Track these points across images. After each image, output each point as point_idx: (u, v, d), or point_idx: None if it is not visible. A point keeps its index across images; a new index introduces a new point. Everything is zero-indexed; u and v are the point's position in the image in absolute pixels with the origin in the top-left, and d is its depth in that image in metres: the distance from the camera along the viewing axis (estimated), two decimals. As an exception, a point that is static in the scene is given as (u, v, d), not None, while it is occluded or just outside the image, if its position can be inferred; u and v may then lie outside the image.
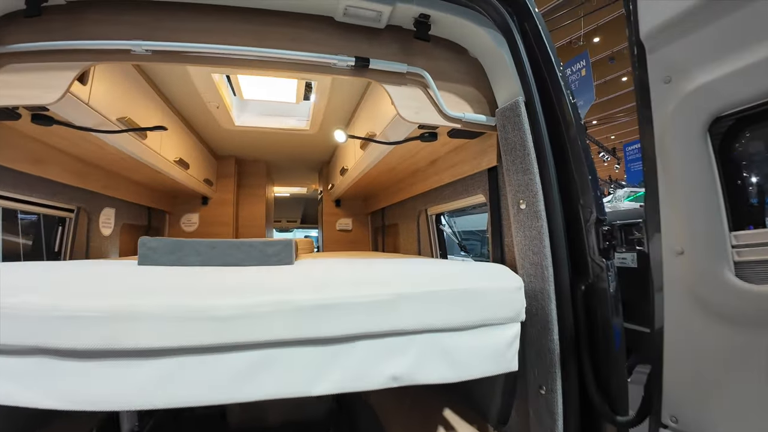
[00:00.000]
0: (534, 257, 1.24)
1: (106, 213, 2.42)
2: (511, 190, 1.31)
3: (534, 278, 1.24)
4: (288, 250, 1.53)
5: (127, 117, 1.72)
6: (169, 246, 1.50)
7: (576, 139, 1.24)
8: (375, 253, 2.82)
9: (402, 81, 1.34)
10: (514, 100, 1.29)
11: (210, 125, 2.75)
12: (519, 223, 1.29)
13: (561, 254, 1.21)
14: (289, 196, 6.60)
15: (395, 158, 2.06)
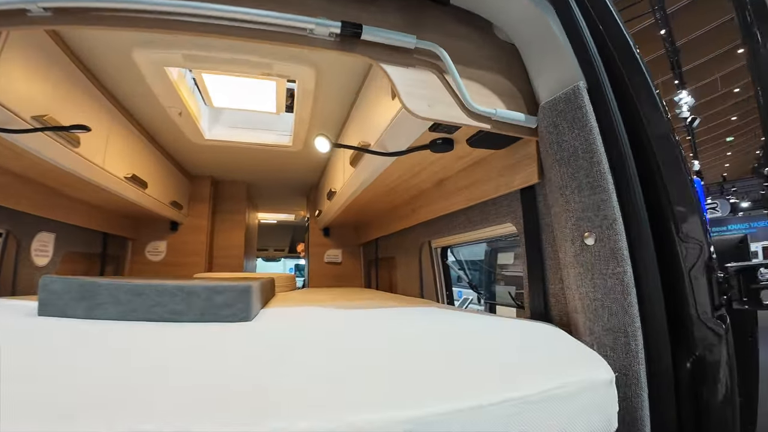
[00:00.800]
0: (612, 320, 0.81)
1: (41, 238, 1.97)
2: (568, 217, 0.90)
3: (613, 352, 0.80)
4: (245, 300, 1.09)
5: (48, 115, 1.30)
6: (77, 289, 1.08)
7: (668, 139, 0.84)
8: (369, 293, 2.37)
9: (408, 60, 0.94)
10: (571, 86, 0.89)
11: (176, 138, 2.34)
12: (584, 266, 0.87)
13: (655, 315, 0.79)
14: (276, 223, 6.16)
15: (393, 178, 1.65)
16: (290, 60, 1.46)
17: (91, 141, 1.62)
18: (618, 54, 0.92)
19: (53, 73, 1.35)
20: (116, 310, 1.05)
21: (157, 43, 1.39)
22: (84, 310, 1.04)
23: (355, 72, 1.55)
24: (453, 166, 1.43)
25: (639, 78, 0.88)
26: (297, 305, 1.55)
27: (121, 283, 1.07)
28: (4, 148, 1.32)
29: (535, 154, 1.05)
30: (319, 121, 2.02)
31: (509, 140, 1.12)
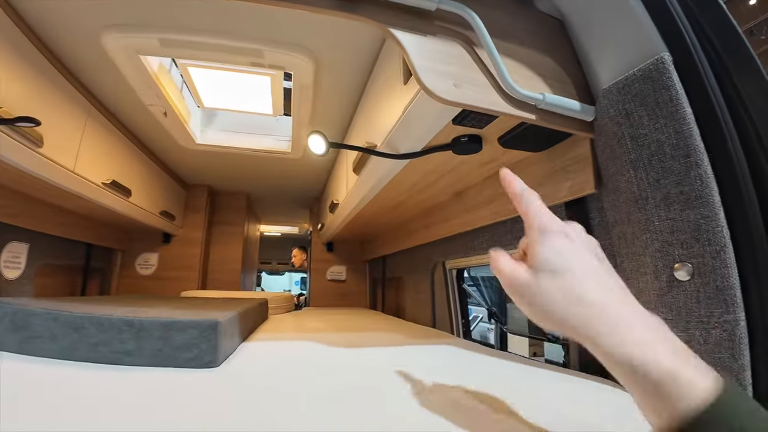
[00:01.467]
0: None
1: (12, 249, 1.75)
2: (649, 240, 0.64)
3: None
4: (210, 340, 0.86)
5: (2, 108, 1.09)
6: (10, 318, 0.86)
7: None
8: (374, 319, 2.11)
9: (428, 27, 0.70)
10: (651, 59, 0.65)
11: (164, 142, 2.13)
12: (673, 310, 0.61)
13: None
14: (280, 235, 5.95)
15: (403, 188, 1.41)
16: (283, 47, 1.23)
17: (59, 140, 1.40)
18: (705, 18, 0.68)
19: (14, 62, 1.14)
20: (54, 347, 0.84)
21: (128, 25, 1.18)
22: (16, 342, 0.84)
23: (360, 63, 1.33)
24: (476, 173, 1.18)
25: (737, 48, 0.63)
26: (288, 337, 1.30)
27: (59, 312, 0.84)
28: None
29: (589, 155, 0.81)
30: (320, 123, 1.79)
31: (553, 139, 0.88)
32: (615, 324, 0.34)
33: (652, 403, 0.32)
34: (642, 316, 0.36)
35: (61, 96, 1.39)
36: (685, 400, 0.30)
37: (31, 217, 1.74)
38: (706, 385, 0.30)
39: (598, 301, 0.36)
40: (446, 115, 0.81)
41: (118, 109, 1.76)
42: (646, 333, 0.34)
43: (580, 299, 0.36)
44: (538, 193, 0.46)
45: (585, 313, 0.35)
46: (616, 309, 0.35)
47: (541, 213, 0.42)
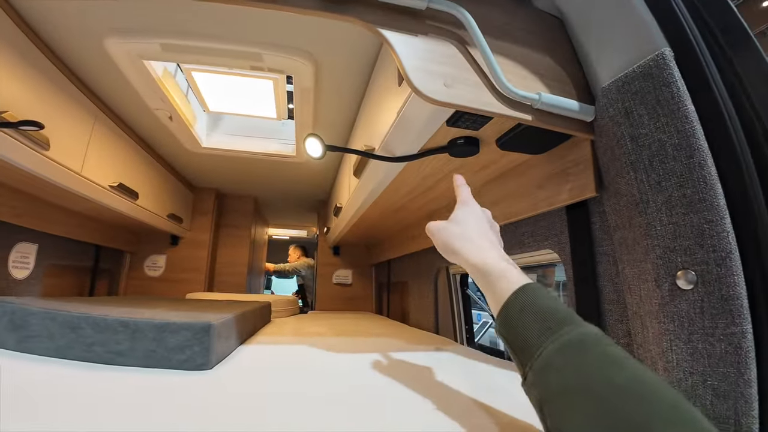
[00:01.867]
0: (720, 405, 0.53)
1: (21, 249, 1.77)
2: (650, 246, 0.61)
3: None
4: (203, 342, 0.85)
5: (8, 112, 1.10)
6: (9, 317, 0.88)
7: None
8: (378, 324, 2.08)
9: (418, 26, 0.68)
10: (651, 55, 0.62)
11: (170, 145, 2.14)
12: (675, 321, 0.58)
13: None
14: (288, 239, 5.97)
15: (402, 192, 1.39)
16: (282, 50, 1.23)
17: (67, 143, 1.42)
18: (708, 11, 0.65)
19: (20, 66, 1.16)
20: (51, 346, 0.84)
21: (130, 30, 1.18)
22: (14, 341, 0.86)
23: (360, 65, 1.31)
24: (475, 177, 1.15)
25: (742, 41, 0.60)
26: (288, 341, 1.29)
27: (57, 312, 0.85)
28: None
29: (590, 157, 0.78)
30: (323, 127, 1.79)
31: (553, 141, 0.85)
32: (479, 250, 0.56)
33: (492, 291, 0.52)
34: (497, 251, 0.57)
35: (68, 100, 1.41)
36: (507, 286, 0.49)
37: (39, 218, 1.76)
38: (524, 280, 0.50)
39: (477, 240, 0.58)
40: (439, 116, 0.79)
41: (125, 113, 1.78)
42: (496, 256, 0.55)
43: (467, 237, 0.59)
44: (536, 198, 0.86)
45: (467, 245, 0.58)
46: (484, 245, 0.57)
47: (466, 194, 0.67)
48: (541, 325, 0.44)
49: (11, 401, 0.57)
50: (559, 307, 0.46)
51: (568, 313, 0.45)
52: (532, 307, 0.46)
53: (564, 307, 0.46)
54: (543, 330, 0.43)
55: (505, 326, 0.48)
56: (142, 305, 1.25)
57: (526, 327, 0.45)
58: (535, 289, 0.48)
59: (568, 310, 0.46)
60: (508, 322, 0.48)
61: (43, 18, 1.17)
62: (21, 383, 0.65)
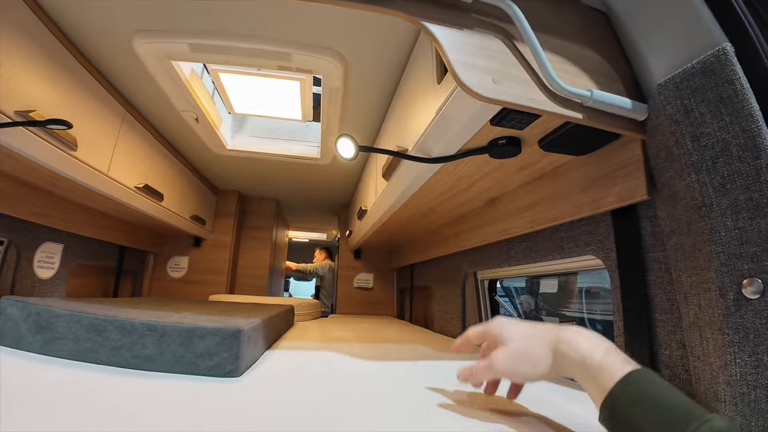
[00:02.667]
0: None
1: (47, 249, 1.80)
2: (713, 253, 0.57)
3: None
4: (232, 348, 0.83)
5: (36, 111, 1.12)
6: (34, 319, 0.85)
7: None
8: (401, 329, 2.05)
9: (464, 20, 0.66)
10: (711, 51, 0.58)
11: (196, 147, 2.16)
12: (740, 332, 0.54)
13: None
14: (308, 241, 5.99)
15: (434, 195, 1.36)
16: (311, 50, 1.21)
17: (94, 144, 1.43)
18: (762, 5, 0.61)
19: (48, 66, 1.17)
20: (75, 348, 0.83)
21: (159, 30, 1.19)
22: (39, 343, 0.85)
23: (390, 65, 1.29)
24: (512, 179, 1.12)
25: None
26: (314, 347, 1.27)
27: (82, 315, 0.84)
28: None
29: (641, 158, 0.74)
30: (349, 128, 1.77)
31: (598, 141, 0.81)
32: (570, 339, 0.52)
33: (594, 379, 0.47)
34: (581, 333, 0.53)
35: (96, 100, 1.42)
36: (611, 374, 0.45)
37: (65, 219, 1.78)
38: (629, 367, 0.45)
39: (552, 334, 0.55)
40: (484, 114, 0.76)
41: (152, 114, 1.80)
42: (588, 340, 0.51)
43: (543, 337, 0.56)
44: (578, 201, 0.84)
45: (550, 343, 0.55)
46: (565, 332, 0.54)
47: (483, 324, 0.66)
48: (659, 421, 0.40)
49: (35, 405, 0.56)
50: (676, 398, 0.42)
51: (690, 404, 0.41)
52: (644, 400, 0.42)
53: (683, 397, 0.42)
54: (663, 427, 0.39)
55: (612, 422, 0.44)
56: (168, 307, 1.24)
57: (641, 424, 0.41)
58: (644, 378, 0.44)
59: (688, 400, 0.42)
60: (616, 417, 0.43)
61: (71, 18, 1.18)
62: (46, 387, 0.64)
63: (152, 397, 0.65)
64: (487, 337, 0.63)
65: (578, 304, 2.81)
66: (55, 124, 1.09)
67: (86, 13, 1.15)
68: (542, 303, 3.18)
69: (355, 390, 0.78)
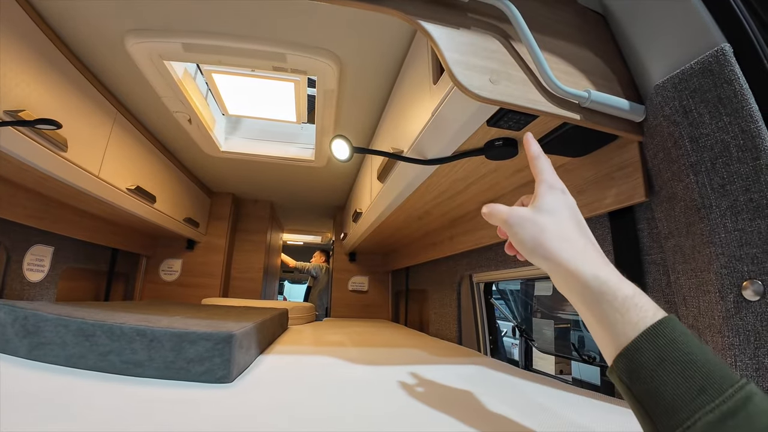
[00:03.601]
0: None
1: (37, 252, 1.77)
2: (712, 255, 0.56)
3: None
4: (224, 353, 0.81)
5: (26, 111, 1.10)
6: (22, 323, 0.83)
7: None
8: (396, 332, 2.04)
9: (461, 20, 0.65)
10: (710, 51, 0.58)
11: (189, 149, 2.13)
12: (741, 335, 0.53)
13: None
14: (303, 244, 5.96)
15: (430, 197, 1.35)
16: (306, 50, 1.20)
17: (85, 145, 1.41)
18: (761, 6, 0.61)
19: (39, 65, 1.15)
20: (63, 354, 0.81)
21: (152, 30, 1.17)
22: (27, 348, 0.83)
23: (386, 66, 1.28)
24: (508, 181, 1.11)
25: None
26: (309, 351, 1.25)
27: (70, 319, 0.81)
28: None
29: (638, 160, 0.73)
30: (344, 130, 1.76)
31: (596, 143, 0.81)
32: (592, 258, 0.41)
33: (608, 320, 0.38)
34: (610, 265, 0.42)
35: (87, 101, 1.40)
36: (637, 319, 0.36)
37: (56, 221, 1.76)
38: (660, 313, 0.37)
39: (579, 241, 0.44)
40: (481, 115, 0.75)
41: (144, 115, 1.77)
42: (612, 271, 0.40)
43: (565, 237, 0.44)
44: (580, 201, 0.67)
45: (569, 246, 0.43)
46: (589, 251, 0.43)
47: (551, 173, 0.50)
48: (690, 384, 0.33)
49: (22, 413, 0.54)
50: (709, 356, 0.34)
51: (724, 366, 0.34)
52: (676, 357, 0.34)
53: (716, 357, 0.35)
54: (696, 391, 0.33)
55: (632, 377, 0.36)
56: (159, 312, 1.22)
57: (668, 384, 0.34)
58: (677, 329, 0.36)
59: (719, 361, 0.35)
60: (638, 373, 0.36)
61: (63, 17, 1.16)
62: (33, 394, 0.62)
63: (141, 404, 0.63)
64: (533, 193, 0.50)
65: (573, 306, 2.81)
66: (44, 124, 1.07)
67: (78, 11, 1.13)
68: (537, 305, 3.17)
69: (350, 395, 0.76)
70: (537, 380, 0.94)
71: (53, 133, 1.20)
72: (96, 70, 1.42)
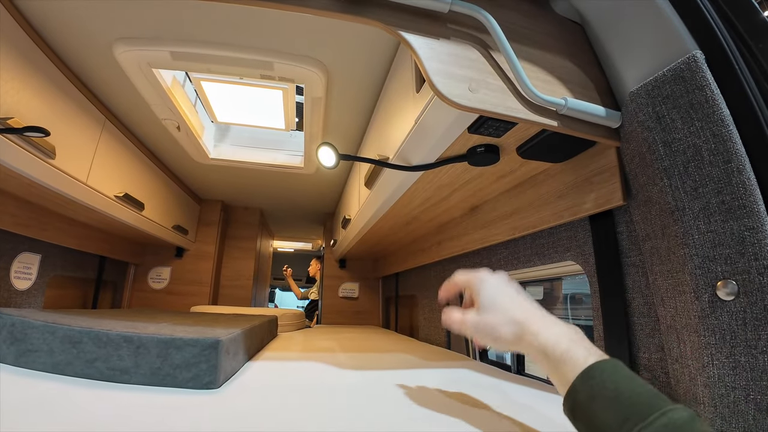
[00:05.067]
0: (763, 419, 0.50)
1: (24, 259, 1.75)
2: (687, 256, 0.58)
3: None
4: (211, 359, 0.81)
5: (14, 119, 1.09)
6: (9, 330, 0.85)
7: None
8: (386, 338, 2.04)
9: (441, 30, 0.67)
10: (682, 58, 0.60)
11: (177, 156, 2.13)
12: (716, 333, 0.55)
13: None
14: (293, 251, 5.94)
15: (416, 203, 1.36)
16: (293, 59, 1.22)
17: (73, 152, 1.41)
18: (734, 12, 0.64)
19: (27, 72, 1.15)
20: (50, 361, 0.80)
21: (140, 38, 1.18)
22: (14, 355, 0.83)
23: (372, 74, 1.30)
24: (493, 186, 1.13)
25: None
26: (297, 357, 1.25)
27: (57, 326, 0.81)
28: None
29: (616, 165, 0.75)
30: (332, 137, 1.77)
31: (575, 148, 0.83)
32: (536, 330, 0.50)
33: (557, 371, 0.47)
34: (551, 323, 0.51)
35: (75, 108, 1.40)
36: (573, 366, 0.44)
37: (43, 228, 1.74)
38: (592, 358, 0.44)
39: (522, 319, 0.52)
40: (461, 123, 0.77)
41: (132, 123, 1.77)
42: (554, 331, 0.49)
43: (511, 320, 0.52)
44: (557, 208, 0.83)
45: (515, 329, 0.52)
46: (534, 321, 0.51)
47: (464, 272, 0.61)
48: (617, 414, 0.39)
49: (9, 419, 0.54)
50: (637, 389, 0.40)
51: (649, 395, 0.40)
52: (604, 394, 0.41)
53: (644, 388, 0.41)
54: (621, 420, 0.38)
55: (574, 414, 0.44)
56: (147, 319, 1.22)
57: (599, 416, 0.40)
58: (606, 370, 0.43)
59: (649, 390, 0.40)
60: (576, 411, 0.43)
61: (50, 23, 1.16)
62: (18, 401, 0.62)
63: (127, 411, 0.63)
64: (469, 287, 0.60)
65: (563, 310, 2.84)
66: (32, 131, 1.07)
67: (66, 19, 1.13)
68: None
69: (338, 400, 0.77)
70: (526, 383, 0.95)
71: (41, 140, 1.19)
72: (85, 78, 1.42)
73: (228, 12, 1.07)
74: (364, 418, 0.66)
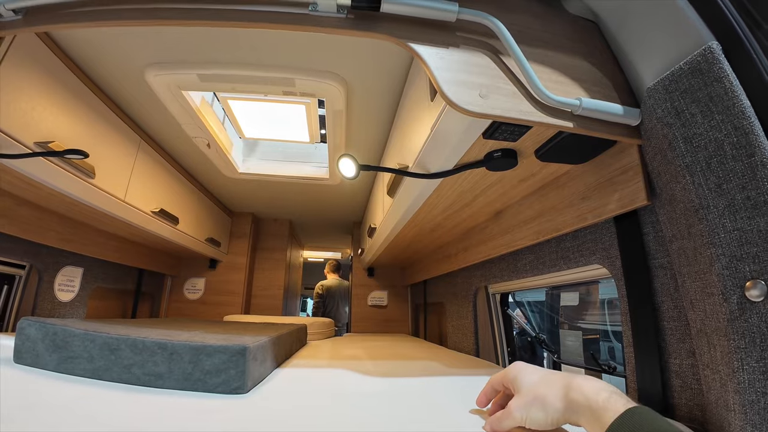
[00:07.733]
0: None
1: (67, 273, 1.86)
2: (714, 256, 0.56)
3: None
4: (239, 365, 0.84)
5: (54, 142, 1.18)
6: (51, 338, 0.88)
7: None
8: (415, 346, 2.03)
9: (449, 38, 0.67)
10: (698, 50, 0.59)
11: (209, 172, 2.22)
12: (746, 337, 0.52)
13: None
14: (323, 261, 6.00)
15: (438, 210, 1.36)
16: (313, 74, 1.25)
17: (111, 172, 1.49)
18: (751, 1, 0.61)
19: (67, 99, 1.24)
20: (89, 367, 0.85)
21: (169, 62, 1.24)
22: (55, 362, 0.87)
23: (390, 85, 1.32)
24: (514, 191, 1.12)
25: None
26: (324, 364, 1.26)
27: (96, 334, 0.86)
28: (16, 178, 1.21)
29: (638, 164, 0.73)
30: (355, 148, 1.80)
31: (595, 149, 0.81)
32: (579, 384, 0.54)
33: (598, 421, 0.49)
34: (590, 378, 0.55)
35: (112, 130, 1.49)
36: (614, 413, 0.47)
37: (85, 243, 1.84)
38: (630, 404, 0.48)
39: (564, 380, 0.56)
40: (476, 129, 0.77)
41: (166, 142, 1.86)
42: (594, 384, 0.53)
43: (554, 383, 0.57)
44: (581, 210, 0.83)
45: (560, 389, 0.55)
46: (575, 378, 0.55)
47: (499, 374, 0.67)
48: None
49: (52, 420, 0.58)
50: (671, 429, 0.44)
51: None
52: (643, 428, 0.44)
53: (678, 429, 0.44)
54: None
55: None
56: (181, 327, 1.27)
57: None
58: (643, 413, 0.46)
59: None
60: None
61: (86, 52, 1.24)
62: (60, 405, 0.66)
63: (161, 414, 0.66)
64: (506, 382, 0.64)
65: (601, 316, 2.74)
66: (72, 153, 1.14)
67: (100, 48, 1.21)
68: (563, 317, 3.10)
69: (363, 406, 0.77)
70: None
71: (81, 161, 1.27)
72: (120, 102, 1.51)
73: (249, 34, 1.11)
74: (389, 423, 0.66)
